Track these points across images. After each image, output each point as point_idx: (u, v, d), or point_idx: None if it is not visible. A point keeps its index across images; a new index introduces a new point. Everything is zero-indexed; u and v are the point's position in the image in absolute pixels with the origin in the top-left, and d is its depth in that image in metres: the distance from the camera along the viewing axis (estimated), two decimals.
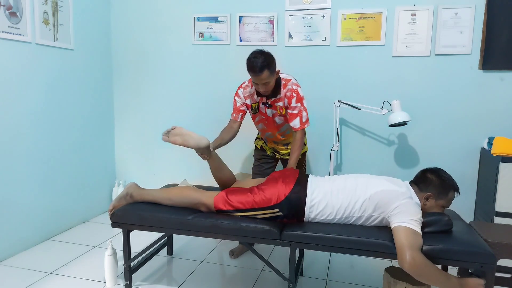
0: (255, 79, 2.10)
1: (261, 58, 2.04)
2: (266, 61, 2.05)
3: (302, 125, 2.21)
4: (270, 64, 2.07)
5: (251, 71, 2.08)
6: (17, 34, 2.42)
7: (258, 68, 2.03)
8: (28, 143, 2.56)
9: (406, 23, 2.78)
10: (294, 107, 2.20)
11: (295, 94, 2.20)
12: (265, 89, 2.16)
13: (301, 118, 2.21)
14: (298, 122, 2.21)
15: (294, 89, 2.20)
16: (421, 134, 2.85)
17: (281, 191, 1.81)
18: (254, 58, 2.05)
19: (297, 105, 2.20)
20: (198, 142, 1.96)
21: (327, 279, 2.26)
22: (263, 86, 2.13)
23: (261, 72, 2.04)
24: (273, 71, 2.11)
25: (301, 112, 2.20)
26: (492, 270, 1.55)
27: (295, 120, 2.21)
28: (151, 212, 1.93)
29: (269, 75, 2.08)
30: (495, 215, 2.42)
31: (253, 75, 2.08)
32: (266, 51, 2.12)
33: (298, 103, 2.20)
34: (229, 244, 2.71)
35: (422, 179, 1.80)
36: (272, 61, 2.10)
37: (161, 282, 2.19)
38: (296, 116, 2.20)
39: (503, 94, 2.69)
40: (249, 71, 2.09)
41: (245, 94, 2.34)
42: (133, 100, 3.40)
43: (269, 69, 2.07)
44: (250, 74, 2.10)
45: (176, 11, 3.21)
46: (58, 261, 2.40)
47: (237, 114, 2.36)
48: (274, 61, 2.12)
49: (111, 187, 3.46)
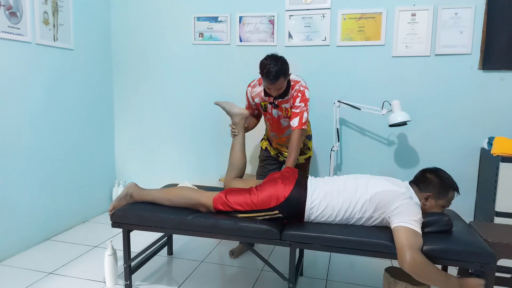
0: (270, 85, 2.10)
1: (277, 66, 2.02)
2: (282, 69, 2.04)
3: (300, 125, 2.19)
4: (286, 71, 2.08)
5: (266, 78, 2.06)
6: (17, 34, 2.42)
7: (274, 76, 2.03)
8: (28, 143, 2.56)
9: (406, 23, 2.78)
10: (298, 106, 2.20)
11: (300, 94, 2.21)
12: (278, 93, 2.17)
13: (300, 118, 2.20)
14: (297, 121, 2.20)
15: (301, 90, 2.22)
16: (421, 134, 2.85)
17: (281, 193, 1.80)
18: (269, 64, 2.03)
19: (301, 105, 2.20)
20: (242, 110, 2.25)
21: (327, 279, 2.26)
22: (275, 91, 2.15)
23: (276, 80, 2.05)
24: (287, 76, 2.12)
25: (302, 112, 2.20)
26: (492, 270, 1.55)
27: (295, 119, 2.20)
28: (151, 212, 1.93)
29: (283, 81, 2.10)
30: (495, 215, 2.42)
31: (268, 82, 2.07)
32: (280, 56, 2.09)
33: (302, 103, 2.20)
34: (229, 244, 2.71)
35: (422, 179, 1.80)
36: (287, 68, 2.10)
37: (161, 282, 2.19)
38: (297, 115, 2.20)
39: (503, 94, 2.69)
40: (264, 77, 2.07)
41: (253, 94, 2.35)
42: (133, 100, 3.41)
43: (284, 76, 2.08)
44: (265, 80, 2.08)
45: (176, 11, 3.21)
46: (58, 261, 2.40)
47: (252, 111, 2.45)
48: (288, 67, 2.12)
49: (111, 187, 3.46)
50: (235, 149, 2.24)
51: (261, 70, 2.07)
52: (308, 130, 2.48)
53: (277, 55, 2.09)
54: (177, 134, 3.35)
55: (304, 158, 2.50)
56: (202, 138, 3.29)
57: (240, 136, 2.25)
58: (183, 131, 3.33)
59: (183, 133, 3.33)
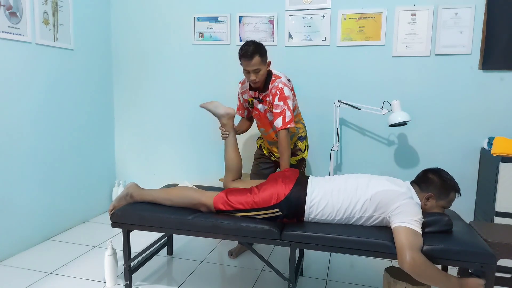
0: (246, 65, 2.13)
1: (252, 45, 2.11)
2: (257, 48, 2.12)
3: (284, 124, 2.15)
4: (261, 51, 2.13)
5: (242, 57, 2.12)
6: (17, 34, 2.42)
7: (250, 53, 2.08)
8: (28, 143, 2.56)
9: (406, 23, 2.78)
10: (277, 105, 2.17)
11: (279, 92, 2.17)
12: (255, 78, 2.15)
13: (283, 118, 2.15)
14: (281, 121, 2.16)
15: (280, 87, 2.18)
16: (421, 134, 2.85)
17: (281, 191, 1.81)
18: (245, 46, 2.13)
19: (280, 104, 2.16)
20: (227, 109, 2.21)
21: (327, 279, 2.26)
22: (253, 74, 2.14)
23: (251, 57, 2.09)
24: (264, 60, 2.15)
25: (284, 111, 2.15)
26: (492, 270, 1.55)
27: (278, 119, 2.17)
28: (151, 212, 1.93)
29: (260, 61, 2.12)
30: (495, 215, 2.42)
31: (244, 60, 2.12)
32: (258, 41, 2.18)
33: (281, 101, 2.16)
34: (229, 244, 2.71)
35: (423, 179, 1.80)
36: (263, 49, 2.15)
37: (161, 282, 2.19)
38: (279, 115, 2.16)
39: (503, 94, 2.69)
40: (241, 58, 2.13)
41: (242, 90, 2.38)
42: (133, 100, 3.41)
43: (260, 55, 2.12)
44: (242, 60, 2.14)
45: (176, 11, 3.21)
46: (58, 261, 2.40)
47: (242, 111, 2.47)
48: (265, 51, 2.18)
49: (111, 187, 3.46)
50: (228, 151, 2.22)
51: (239, 53, 2.14)
52: (301, 132, 2.44)
53: (254, 40, 2.19)
54: (177, 134, 3.35)
55: (296, 159, 2.44)
56: (202, 138, 3.29)
57: (231, 136, 2.23)
58: (183, 131, 3.33)
59: (183, 133, 3.33)
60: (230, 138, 2.23)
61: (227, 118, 2.21)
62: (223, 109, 2.20)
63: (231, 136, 2.23)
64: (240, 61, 2.15)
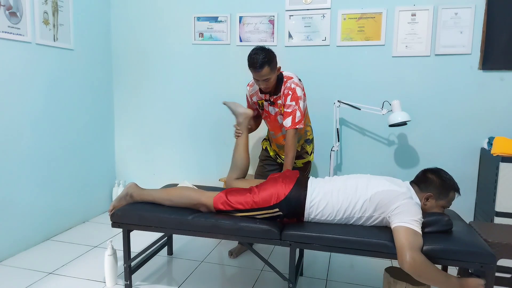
0: (256, 75, 2.11)
1: (262, 54, 2.06)
2: (267, 57, 2.07)
3: (293, 124, 2.16)
4: (271, 60, 2.09)
5: (251, 67, 2.09)
6: (17, 34, 2.42)
7: (259, 64, 2.05)
8: (28, 143, 2.56)
9: (406, 23, 2.78)
10: (289, 105, 2.17)
11: (291, 92, 2.17)
12: (266, 86, 2.16)
13: (293, 118, 2.16)
14: (290, 121, 2.16)
15: (292, 88, 2.18)
16: (421, 134, 2.85)
17: (281, 191, 1.81)
18: (254, 55, 2.07)
19: (292, 104, 2.16)
20: (246, 110, 2.29)
21: (327, 279, 2.26)
22: (263, 83, 2.14)
23: (261, 68, 2.06)
24: (273, 67, 2.12)
25: (295, 111, 2.16)
26: (492, 270, 1.55)
27: (288, 119, 2.17)
28: (151, 212, 1.93)
29: (269, 71, 2.09)
30: (495, 215, 2.42)
31: (254, 71, 2.10)
32: (267, 47, 2.13)
33: (293, 101, 2.16)
34: (229, 244, 2.71)
35: (423, 179, 1.80)
36: (272, 58, 2.11)
37: (161, 282, 2.19)
38: (289, 114, 2.17)
39: (503, 94, 2.69)
40: (250, 67, 2.10)
41: (251, 92, 2.37)
42: (133, 100, 3.41)
43: (270, 65, 2.08)
44: (251, 70, 2.11)
45: (176, 11, 3.21)
46: (58, 261, 2.40)
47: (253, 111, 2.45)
48: (275, 57, 2.14)
49: (111, 187, 3.46)
50: (238, 149, 2.24)
51: (248, 62, 2.11)
52: (309, 135, 2.44)
53: (264, 47, 2.13)
54: (177, 134, 3.35)
55: (303, 162, 2.45)
56: (202, 138, 3.29)
57: (244, 136, 2.26)
58: (183, 131, 3.33)
59: (183, 133, 3.33)
60: (242, 137, 2.26)
61: (244, 117, 2.26)
62: (242, 109, 2.28)
63: (244, 135, 2.26)
64: (249, 68, 2.13)
